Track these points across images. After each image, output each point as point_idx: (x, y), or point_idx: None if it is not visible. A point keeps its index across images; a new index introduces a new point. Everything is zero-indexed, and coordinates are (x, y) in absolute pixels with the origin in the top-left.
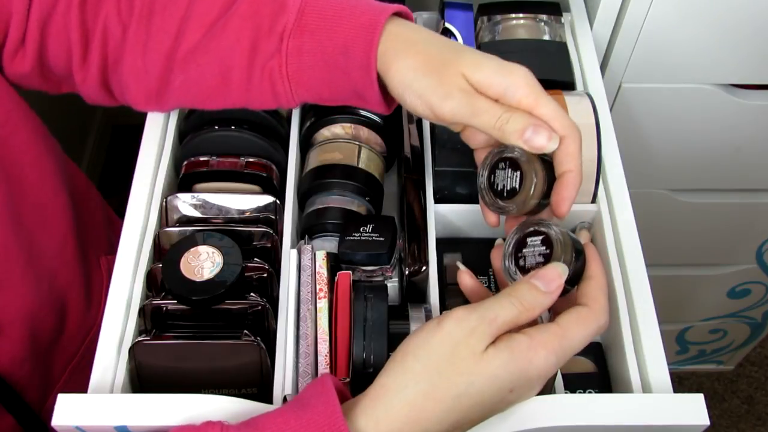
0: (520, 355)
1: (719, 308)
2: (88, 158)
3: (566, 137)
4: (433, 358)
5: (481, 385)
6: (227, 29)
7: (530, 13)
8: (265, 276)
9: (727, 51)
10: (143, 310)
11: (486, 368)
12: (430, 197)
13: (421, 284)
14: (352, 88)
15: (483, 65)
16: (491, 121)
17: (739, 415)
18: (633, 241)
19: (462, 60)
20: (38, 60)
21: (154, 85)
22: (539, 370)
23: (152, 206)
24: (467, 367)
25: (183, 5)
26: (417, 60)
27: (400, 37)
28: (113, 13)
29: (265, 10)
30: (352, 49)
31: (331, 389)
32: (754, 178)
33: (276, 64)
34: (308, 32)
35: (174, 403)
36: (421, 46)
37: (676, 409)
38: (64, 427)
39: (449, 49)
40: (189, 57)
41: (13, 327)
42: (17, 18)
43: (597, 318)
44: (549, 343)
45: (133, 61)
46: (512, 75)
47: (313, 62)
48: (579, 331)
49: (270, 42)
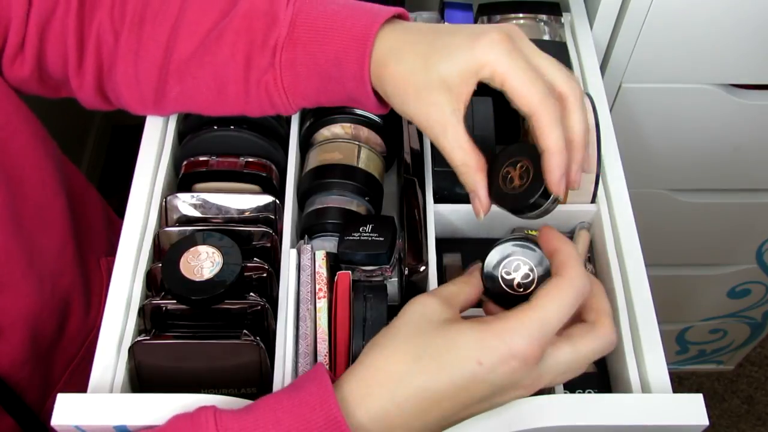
0: (484, 326)
1: (719, 308)
2: (88, 158)
3: (533, 114)
4: (401, 331)
5: (439, 347)
6: (221, 43)
7: (530, 13)
8: (265, 276)
9: (727, 51)
10: (143, 309)
11: (446, 333)
12: (430, 197)
13: (421, 284)
14: (347, 95)
15: (456, 67)
16: (458, 158)
17: (739, 415)
18: (633, 241)
19: (440, 69)
20: (37, 65)
21: (149, 94)
22: (511, 345)
23: (152, 206)
24: (428, 332)
25: (173, 13)
26: (400, 75)
27: (392, 47)
28: (106, 19)
29: (258, 23)
30: (344, 61)
31: (324, 374)
32: (753, 178)
33: (271, 77)
34: (300, 45)
35: (174, 402)
36: (411, 49)
37: (676, 409)
38: (64, 427)
39: (434, 49)
40: (183, 68)
41: (14, 329)
42: (16, 23)
43: (571, 283)
44: (519, 315)
45: (125, 69)
46: (478, 55)
47: (307, 73)
48: (552, 300)
49: (263, 56)
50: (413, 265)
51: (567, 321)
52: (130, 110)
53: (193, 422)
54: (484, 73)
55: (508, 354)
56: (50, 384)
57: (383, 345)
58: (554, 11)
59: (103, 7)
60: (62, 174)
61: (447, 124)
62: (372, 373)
